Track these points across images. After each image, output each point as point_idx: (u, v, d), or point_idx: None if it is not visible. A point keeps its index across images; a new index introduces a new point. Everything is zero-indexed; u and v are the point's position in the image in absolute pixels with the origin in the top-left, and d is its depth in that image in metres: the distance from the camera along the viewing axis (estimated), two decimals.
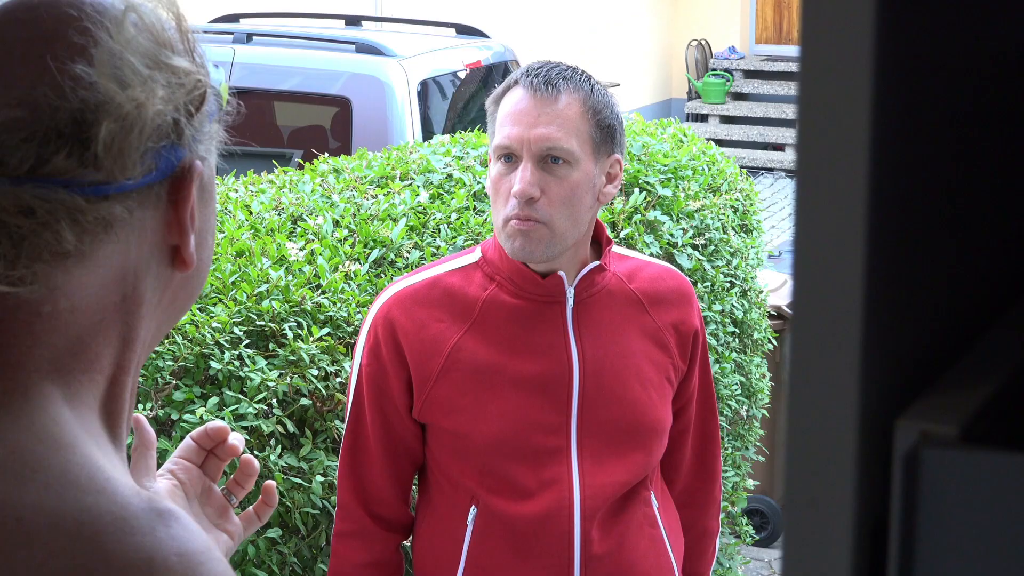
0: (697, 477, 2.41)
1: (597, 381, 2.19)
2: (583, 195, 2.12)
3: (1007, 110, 0.76)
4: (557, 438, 2.18)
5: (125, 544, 0.95)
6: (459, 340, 2.17)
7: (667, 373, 2.26)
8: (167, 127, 1.03)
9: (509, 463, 2.17)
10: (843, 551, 0.61)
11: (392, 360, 2.18)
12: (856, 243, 0.59)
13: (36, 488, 0.96)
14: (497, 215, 2.13)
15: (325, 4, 8.94)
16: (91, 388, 1.05)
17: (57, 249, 0.99)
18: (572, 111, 2.11)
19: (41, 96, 0.99)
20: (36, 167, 0.98)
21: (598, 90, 2.16)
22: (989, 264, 0.76)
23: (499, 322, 2.18)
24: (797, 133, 0.59)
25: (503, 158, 2.11)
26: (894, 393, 0.63)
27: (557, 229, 2.11)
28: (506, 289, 2.17)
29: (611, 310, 2.22)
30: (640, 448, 2.22)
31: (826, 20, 0.58)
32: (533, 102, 2.10)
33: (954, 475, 0.61)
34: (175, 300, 1.12)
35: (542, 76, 2.12)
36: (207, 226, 1.12)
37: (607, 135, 2.14)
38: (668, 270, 2.32)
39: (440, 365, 2.16)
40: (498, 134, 2.12)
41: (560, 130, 2.09)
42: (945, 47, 0.65)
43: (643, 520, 2.26)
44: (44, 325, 1.02)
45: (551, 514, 2.17)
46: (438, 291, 2.20)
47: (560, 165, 2.09)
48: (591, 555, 2.18)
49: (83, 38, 1.00)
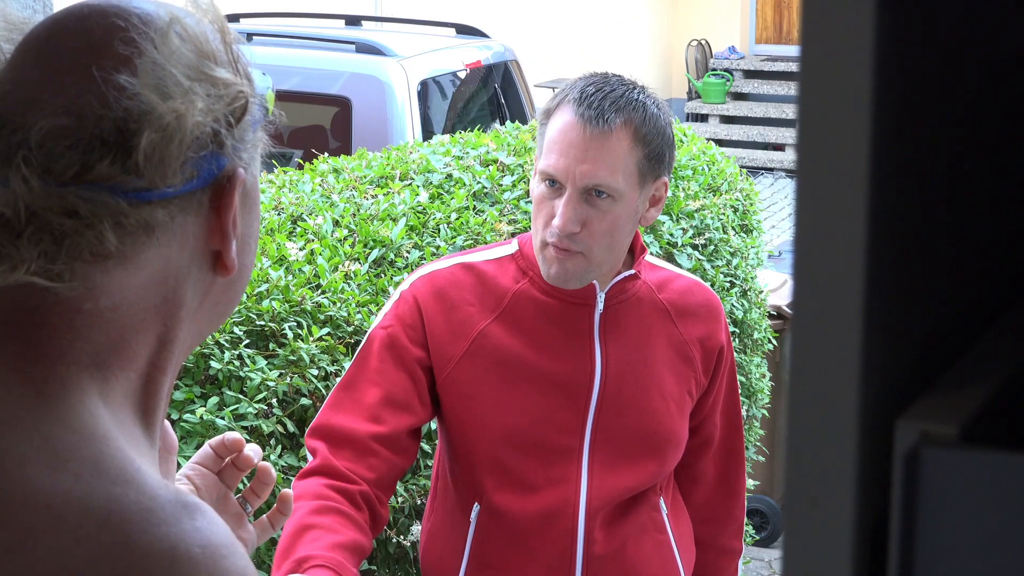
0: (718, 493, 2.40)
1: (617, 387, 2.19)
2: (624, 225, 2.12)
3: (1007, 110, 0.76)
4: (570, 438, 2.18)
5: (150, 534, 0.98)
6: (486, 327, 2.17)
7: (688, 386, 2.26)
8: (206, 137, 1.05)
9: (519, 456, 2.17)
10: (843, 551, 0.61)
11: (412, 336, 2.17)
12: (856, 243, 0.59)
13: (67, 476, 0.99)
14: (536, 233, 2.13)
15: (325, 4, 8.94)
16: (127, 385, 1.07)
17: (98, 250, 1.02)
18: (622, 146, 2.08)
19: (87, 105, 1.02)
20: (81, 173, 1.01)
21: (651, 115, 2.11)
22: (989, 264, 0.76)
23: (527, 316, 2.18)
24: (797, 133, 0.59)
25: (547, 181, 2.10)
26: (894, 393, 0.63)
27: (595, 259, 2.11)
28: (538, 285, 2.18)
29: (638, 318, 2.22)
30: (653, 457, 2.22)
31: (826, 20, 0.58)
32: (583, 135, 2.07)
33: (954, 475, 0.61)
34: (216, 304, 1.14)
35: (595, 107, 2.07)
36: (250, 232, 1.14)
37: (655, 162, 2.12)
38: (698, 284, 2.32)
39: (464, 348, 2.16)
40: (544, 157, 2.10)
41: (607, 167, 2.07)
42: (945, 47, 0.65)
43: (650, 524, 2.25)
44: (84, 321, 1.04)
45: (555, 512, 2.17)
46: (471, 276, 2.20)
47: (603, 199, 2.08)
48: (593, 555, 2.18)
49: (128, 48, 1.03)
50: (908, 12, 0.60)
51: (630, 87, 2.14)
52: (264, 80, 1.15)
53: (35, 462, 0.99)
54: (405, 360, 2.16)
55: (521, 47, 8.07)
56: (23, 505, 0.98)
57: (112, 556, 0.97)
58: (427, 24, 7.41)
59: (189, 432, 2.54)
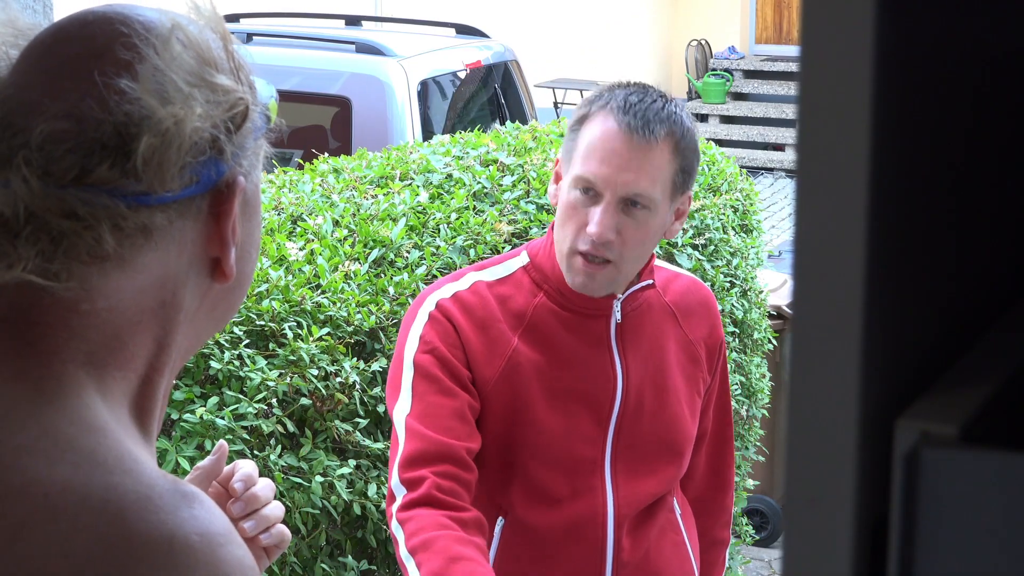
0: (710, 486, 2.40)
1: (639, 397, 2.18)
2: (655, 236, 2.12)
3: (1007, 110, 0.76)
4: (593, 449, 2.17)
5: (148, 522, 0.98)
6: (517, 345, 2.14)
7: (697, 386, 2.26)
8: (204, 143, 1.05)
9: (545, 470, 2.16)
10: (843, 551, 0.61)
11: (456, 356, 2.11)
12: (856, 243, 0.59)
13: (65, 467, 1.00)
14: (564, 240, 2.09)
15: (325, 4, 8.94)
16: (124, 385, 1.08)
17: (96, 251, 1.03)
18: (663, 158, 2.06)
19: (87, 109, 1.03)
20: (80, 176, 1.02)
21: (688, 130, 2.10)
22: (989, 264, 0.76)
23: (548, 330, 2.16)
24: (797, 133, 0.59)
25: (582, 188, 2.07)
26: (894, 393, 0.63)
27: (624, 268, 2.11)
28: (554, 299, 2.16)
29: (651, 324, 2.22)
30: (672, 462, 2.22)
31: (826, 20, 0.58)
32: (627, 144, 2.04)
33: (954, 475, 0.61)
34: (214, 310, 1.15)
35: (640, 116, 2.05)
36: (250, 239, 1.15)
37: (687, 176, 2.12)
38: (695, 281, 2.32)
39: (501, 367, 2.13)
40: (582, 164, 2.06)
41: (648, 178, 2.05)
42: (945, 47, 0.65)
43: (667, 526, 2.26)
44: (81, 321, 1.05)
45: (582, 522, 2.16)
46: (492, 293, 2.16)
47: (639, 209, 2.06)
48: (622, 562, 2.18)
49: (129, 54, 1.04)
50: (908, 11, 0.60)
51: (667, 100, 2.13)
52: (268, 89, 1.16)
53: (33, 452, 1.00)
54: (461, 378, 2.12)
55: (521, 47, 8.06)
56: (21, 495, 0.99)
57: (110, 544, 0.97)
58: (427, 24, 7.41)
59: (189, 432, 2.54)
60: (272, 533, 1.42)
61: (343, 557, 2.78)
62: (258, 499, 1.41)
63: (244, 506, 1.40)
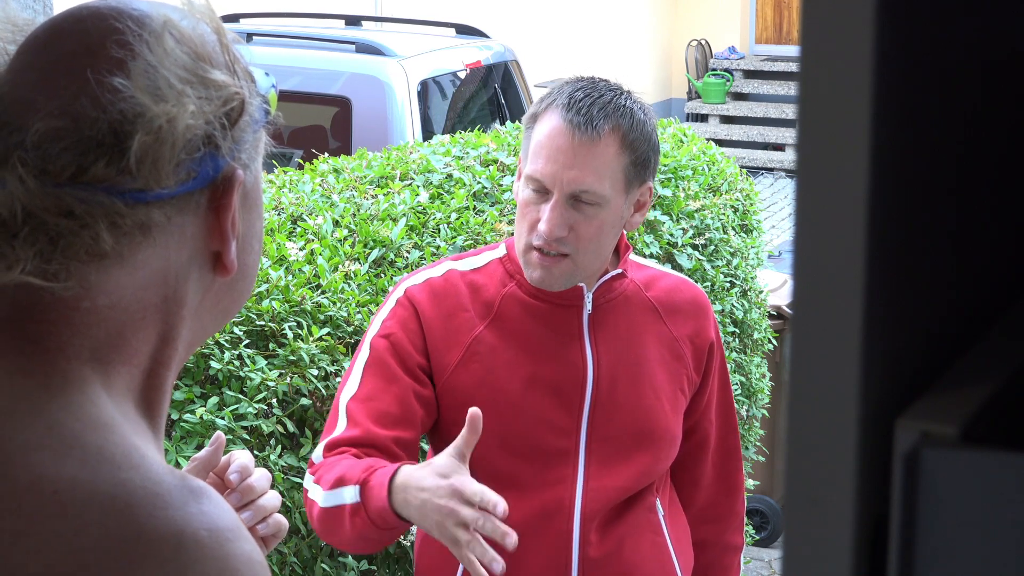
0: (719, 492, 2.39)
1: (611, 387, 2.18)
2: (609, 231, 2.13)
3: (1007, 111, 0.76)
4: (566, 440, 2.17)
5: (156, 518, 0.98)
6: (480, 333, 2.17)
7: (680, 384, 2.25)
8: (199, 140, 1.05)
9: (515, 460, 2.16)
10: (843, 551, 0.61)
11: (414, 343, 2.15)
12: (856, 243, 0.59)
13: (73, 463, 1.00)
14: (520, 237, 2.13)
15: (325, 4, 8.94)
16: (129, 379, 1.08)
17: (94, 249, 1.03)
18: (609, 152, 2.08)
19: (82, 107, 1.02)
20: (77, 174, 1.02)
21: (638, 121, 2.12)
22: (989, 265, 0.76)
23: (517, 320, 2.18)
24: (797, 133, 0.59)
25: (533, 186, 2.10)
26: (894, 393, 0.63)
27: (580, 262, 2.12)
28: (525, 288, 2.18)
29: (627, 316, 2.22)
30: (648, 456, 2.21)
31: (826, 20, 0.58)
32: (571, 142, 2.07)
33: (954, 475, 0.61)
34: (219, 303, 1.15)
35: (583, 113, 2.07)
36: (252, 232, 1.15)
37: (641, 168, 2.13)
38: (685, 282, 2.32)
39: (459, 356, 2.16)
40: (531, 163, 2.10)
41: (594, 174, 2.07)
42: (945, 48, 0.65)
43: (646, 526, 2.24)
44: (83, 318, 1.05)
45: (550, 514, 2.16)
46: (463, 284, 2.19)
47: (588, 205, 2.08)
48: (588, 557, 2.17)
49: (122, 51, 1.04)
50: (908, 11, 0.60)
51: (617, 92, 2.15)
52: (267, 80, 1.15)
53: (40, 449, 1.00)
54: (410, 366, 2.15)
55: (521, 47, 8.07)
56: (29, 491, 0.99)
57: (118, 540, 0.97)
58: (427, 24, 7.41)
59: (189, 432, 2.55)
60: (269, 523, 1.42)
61: (343, 557, 2.78)
62: (254, 489, 1.41)
63: (240, 497, 1.40)
